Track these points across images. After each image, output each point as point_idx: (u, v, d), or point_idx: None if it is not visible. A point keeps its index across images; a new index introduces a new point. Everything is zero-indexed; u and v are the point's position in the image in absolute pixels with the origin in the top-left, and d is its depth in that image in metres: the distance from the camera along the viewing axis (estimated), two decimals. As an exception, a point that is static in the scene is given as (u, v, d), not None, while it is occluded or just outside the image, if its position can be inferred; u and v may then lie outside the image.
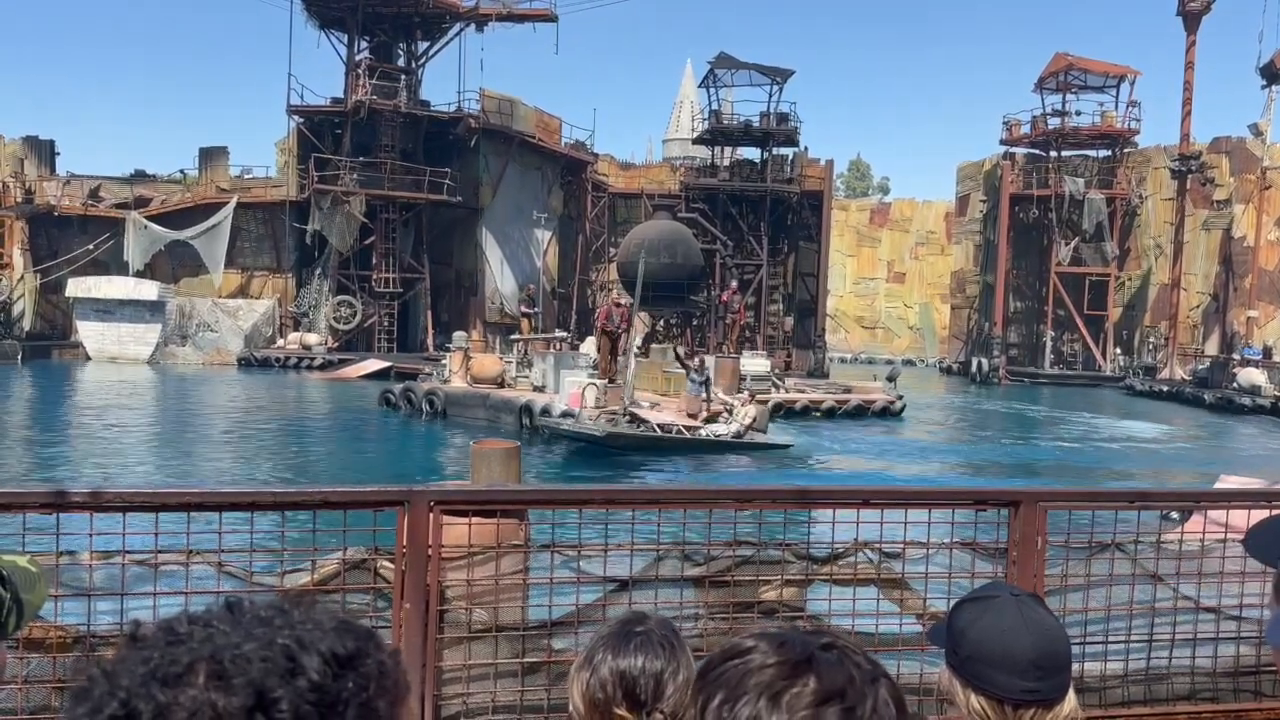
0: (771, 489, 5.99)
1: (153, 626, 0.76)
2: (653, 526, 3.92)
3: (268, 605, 0.78)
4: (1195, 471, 22.00)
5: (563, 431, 21.84)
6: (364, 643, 0.77)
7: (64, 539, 3.39)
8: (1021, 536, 3.93)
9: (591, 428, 21.03)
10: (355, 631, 0.78)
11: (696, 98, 58.88)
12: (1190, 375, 44.68)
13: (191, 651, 0.72)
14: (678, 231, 40.20)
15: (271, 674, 0.71)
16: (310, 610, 0.78)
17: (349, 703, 0.73)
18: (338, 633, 0.76)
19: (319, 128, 45.75)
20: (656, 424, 22.02)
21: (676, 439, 21.89)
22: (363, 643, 0.77)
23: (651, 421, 22.11)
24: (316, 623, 0.76)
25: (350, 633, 0.77)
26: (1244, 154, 47.64)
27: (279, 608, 0.77)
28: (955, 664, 1.57)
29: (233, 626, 0.74)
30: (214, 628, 0.74)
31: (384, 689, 0.77)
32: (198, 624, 0.75)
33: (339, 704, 0.73)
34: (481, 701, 3.76)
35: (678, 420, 22.77)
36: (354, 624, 0.79)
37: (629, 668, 1.66)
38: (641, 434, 21.49)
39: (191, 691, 0.70)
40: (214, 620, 0.75)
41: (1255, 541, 1.50)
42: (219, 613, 0.77)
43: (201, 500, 3.56)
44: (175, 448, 22.52)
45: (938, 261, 69.00)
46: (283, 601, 0.78)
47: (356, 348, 44.09)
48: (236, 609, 0.77)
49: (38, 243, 45.99)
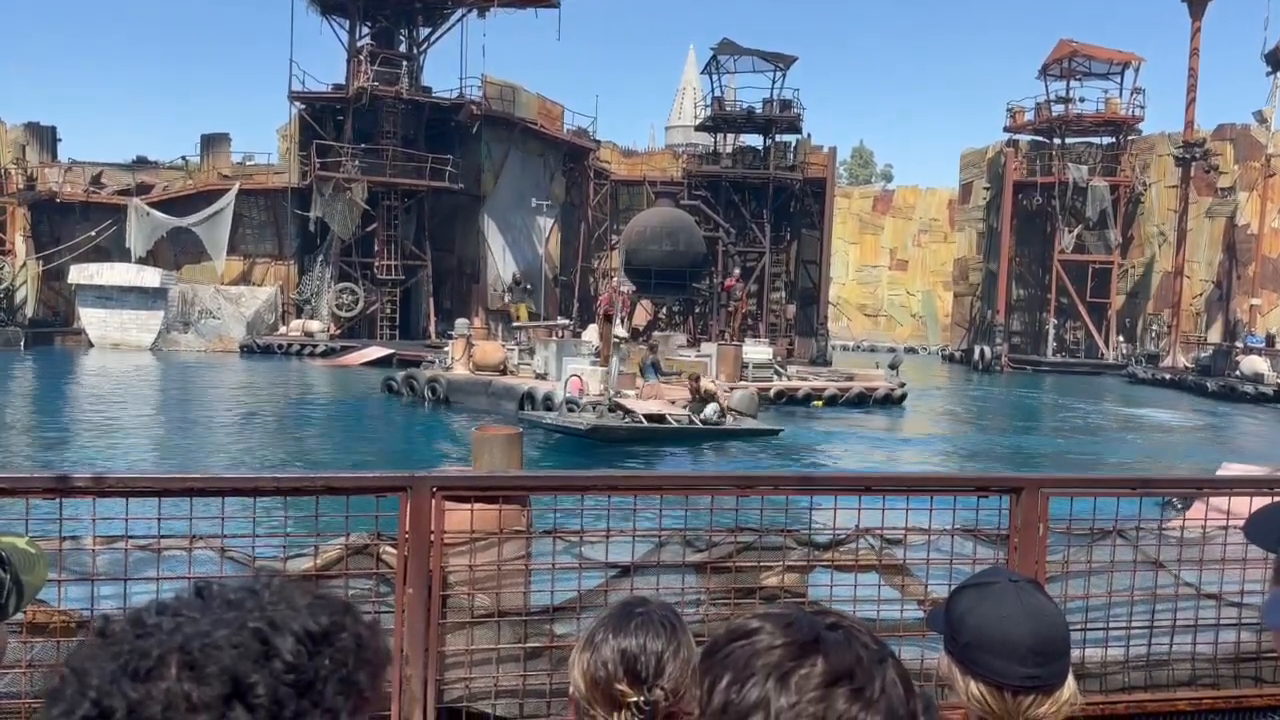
0: (773, 475, 6.00)
1: (121, 620, 0.74)
2: (654, 512, 3.92)
3: (237, 588, 0.76)
4: (1197, 458, 22.00)
5: (545, 425, 21.33)
6: (339, 616, 0.76)
7: (67, 524, 3.40)
8: (1023, 523, 3.93)
9: (576, 421, 20.54)
10: (329, 605, 0.76)
11: (699, 84, 58.69)
12: (1193, 363, 44.66)
13: (161, 643, 0.70)
14: (680, 219, 40.15)
15: (245, 659, 0.70)
16: (281, 589, 0.76)
17: (327, 679, 0.73)
18: (311, 609, 0.75)
19: (321, 114, 45.66)
20: (643, 414, 21.63)
21: (663, 429, 21.46)
22: (338, 616, 0.76)
23: (638, 412, 21.71)
24: (288, 600, 0.75)
25: (324, 608, 0.76)
26: (1248, 141, 47.48)
27: (249, 589, 0.76)
28: (954, 650, 1.57)
29: (202, 613, 0.73)
30: (183, 616, 0.73)
31: (363, 661, 0.76)
32: (166, 613, 0.73)
33: (316, 682, 0.72)
34: (484, 686, 3.77)
35: (665, 409, 22.40)
36: (328, 597, 0.77)
37: (630, 646, 1.68)
38: (628, 425, 21.03)
39: (164, 685, 0.69)
40: (182, 608, 0.74)
41: (1256, 528, 1.50)
42: (188, 599, 0.75)
43: (204, 485, 3.56)
44: (178, 434, 22.57)
45: (940, 249, 68.92)
46: (253, 581, 0.77)
47: (359, 335, 44.12)
48: (205, 593, 0.76)
49: (40, 229, 46.00)
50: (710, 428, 22.08)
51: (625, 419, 21.29)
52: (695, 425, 22.00)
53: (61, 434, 21.96)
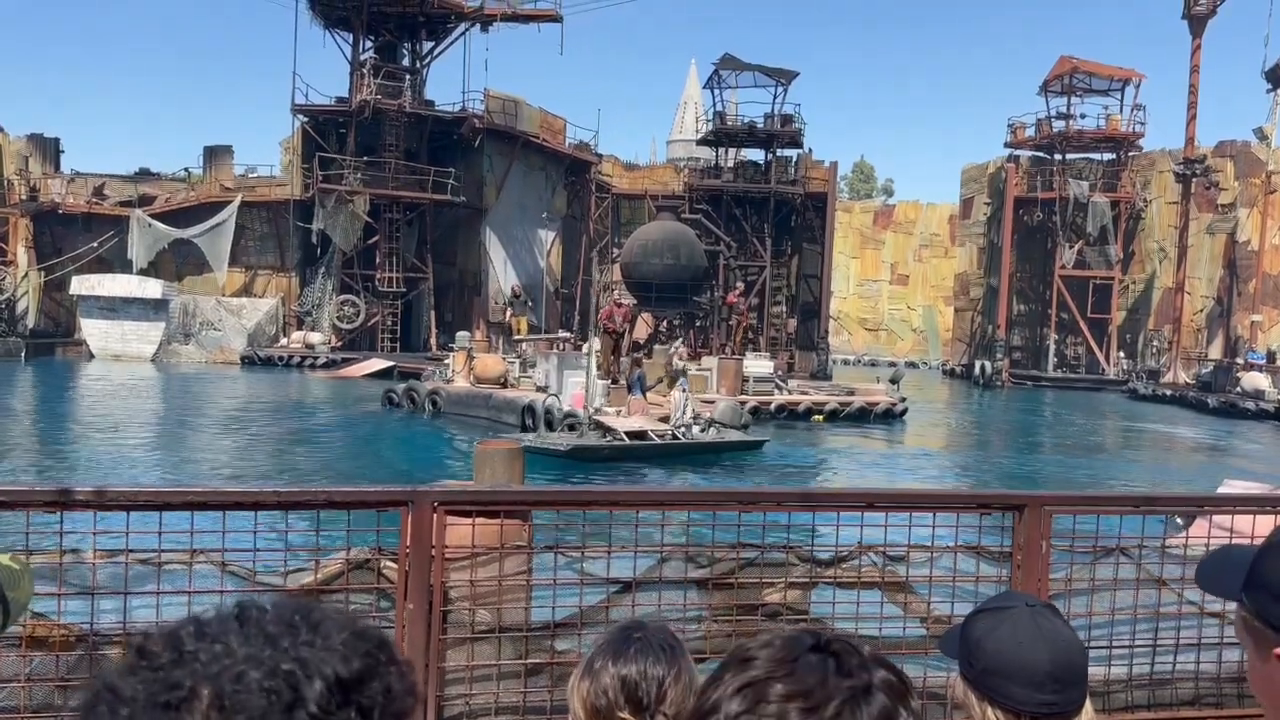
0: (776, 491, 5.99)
1: (160, 638, 0.74)
2: (656, 528, 3.92)
3: (278, 618, 0.75)
4: (1198, 475, 21.96)
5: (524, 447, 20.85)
6: (373, 659, 0.75)
7: (68, 538, 3.40)
8: (1026, 540, 3.92)
9: (555, 442, 20.11)
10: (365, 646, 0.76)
11: (701, 99, 58.81)
12: (1194, 379, 44.65)
13: (194, 674, 0.70)
14: (681, 233, 40.17)
15: (273, 709, 0.70)
16: (319, 624, 0.76)
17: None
18: (346, 650, 0.74)
19: (323, 127, 45.80)
20: (624, 432, 21.18)
21: (645, 446, 21.02)
22: (371, 660, 0.75)
23: (619, 429, 21.27)
24: (325, 638, 0.74)
25: (359, 649, 0.75)
26: (1249, 158, 47.58)
27: (289, 623, 0.75)
28: (971, 676, 1.56)
29: (240, 643, 0.73)
30: (219, 645, 0.73)
31: (389, 714, 0.75)
32: (205, 639, 0.73)
33: None
34: (484, 703, 3.76)
35: (647, 425, 21.92)
36: (366, 634, 0.76)
37: (630, 673, 1.66)
38: (608, 444, 20.61)
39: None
40: (221, 635, 0.73)
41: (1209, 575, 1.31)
42: (228, 623, 0.75)
43: (205, 499, 3.55)
44: (178, 446, 22.55)
45: (941, 264, 68.97)
46: (293, 613, 0.76)
47: (360, 347, 44.14)
48: (245, 619, 0.75)
49: (42, 240, 46.08)
50: (693, 442, 21.70)
51: (607, 438, 20.94)
52: (679, 441, 21.57)
53: (62, 446, 21.94)
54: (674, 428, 21.93)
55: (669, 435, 21.65)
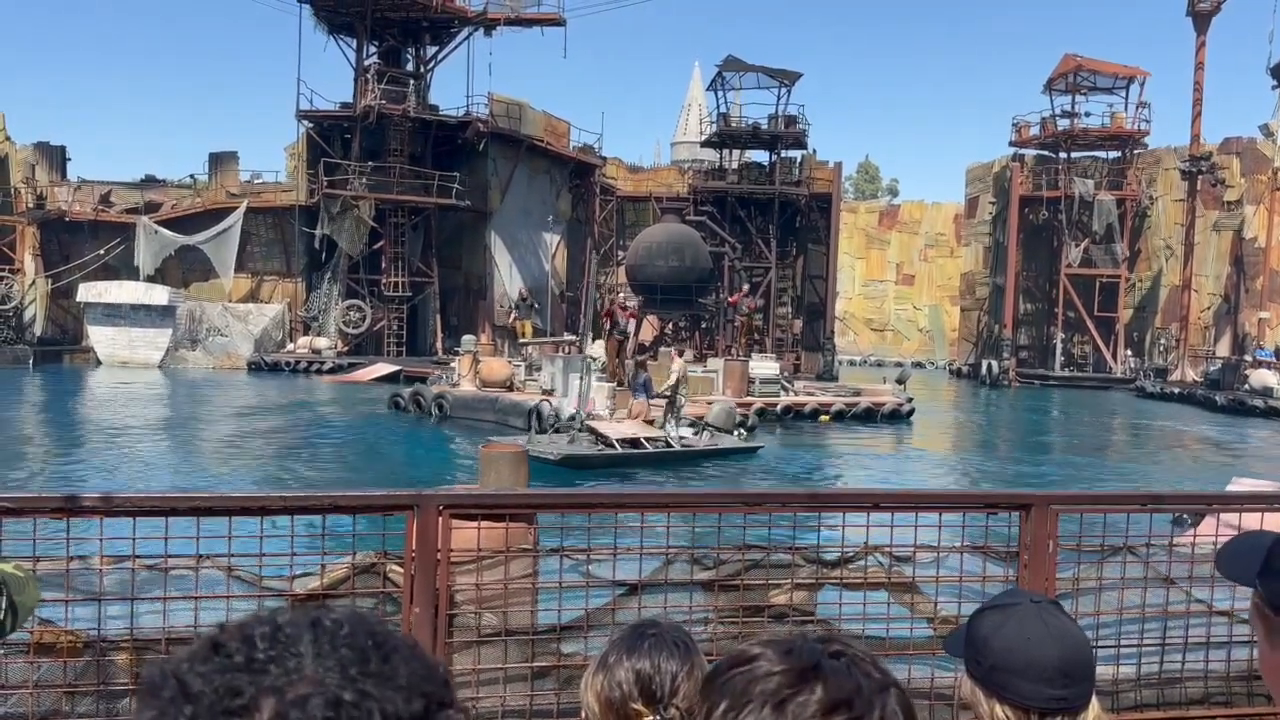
0: (781, 492, 5.99)
1: (235, 633, 0.73)
2: (661, 530, 3.91)
3: (351, 640, 0.73)
4: (1206, 473, 21.89)
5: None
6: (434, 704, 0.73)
7: (75, 544, 3.41)
8: (1033, 540, 3.91)
9: (545, 450, 19.61)
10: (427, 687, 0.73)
11: (704, 100, 58.80)
12: (1201, 377, 44.52)
13: (258, 685, 0.69)
14: (686, 234, 40.18)
15: None
16: (389, 655, 0.74)
17: None
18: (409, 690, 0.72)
19: (328, 132, 45.89)
20: (615, 439, 20.75)
21: (639, 453, 20.70)
22: (433, 705, 0.73)
23: (611, 436, 20.84)
24: (393, 673, 0.72)
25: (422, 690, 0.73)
26: (1255, 155, 47.46)
27: (361, 648, 0.73)
28: (978, 674, 1.56)
29: (312, 660, 0.71)
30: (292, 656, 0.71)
31: None
32: (278, 645, 0.72)
33: None
34: (491, 706, 3.76)
35: (640, 432, 21.51)
36: (433, 673, 0.74)
37: (644, 667, 1.68)
38: (599, 453, 20.26)
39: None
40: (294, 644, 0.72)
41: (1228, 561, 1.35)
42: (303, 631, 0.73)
43: (211, 505, 3.56)
44: (185, 452, 22.59)
45: (947, 263, 68.89)
46: (368, 636, 0.74)
47: (366, 351, 44.20)
48: (320, 636, 0.73)
49: (49, 248, 46.24)
50: (686, 449, 21.42)
51: (599, 445, 20.60)
52: (672, 449, 21.27)
53: (69, 452, 22.00)
54: (667, 436, 21.71)
55: (661, 444, 21.33)
